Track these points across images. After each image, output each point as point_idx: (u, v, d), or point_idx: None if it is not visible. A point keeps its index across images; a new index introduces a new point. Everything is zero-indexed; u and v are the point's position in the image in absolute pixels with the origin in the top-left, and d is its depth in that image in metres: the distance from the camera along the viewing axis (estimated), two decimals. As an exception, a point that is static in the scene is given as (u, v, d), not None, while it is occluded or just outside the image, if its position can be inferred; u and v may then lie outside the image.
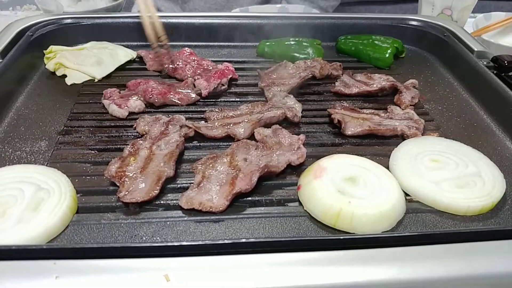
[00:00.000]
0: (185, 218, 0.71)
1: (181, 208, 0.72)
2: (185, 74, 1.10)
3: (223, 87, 1.06)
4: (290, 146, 0.84)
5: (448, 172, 0.78)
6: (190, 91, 1.04)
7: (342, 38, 1.29)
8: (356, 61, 1.26)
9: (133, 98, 0.99)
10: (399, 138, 0.91)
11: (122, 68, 1.15)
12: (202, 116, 0.96)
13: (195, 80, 1.06)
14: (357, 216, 0.68)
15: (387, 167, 0.81)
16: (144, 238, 0.67)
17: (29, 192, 0.69)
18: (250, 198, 0.75)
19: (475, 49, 1.17)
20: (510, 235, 0.61)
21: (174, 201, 0.73)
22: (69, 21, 1.24)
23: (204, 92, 1.03)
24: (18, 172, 0.73)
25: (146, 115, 0.93)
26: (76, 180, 0.76)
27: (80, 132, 0.91)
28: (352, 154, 0.82)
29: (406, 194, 0.76)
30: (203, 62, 1.15)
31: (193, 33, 1.28)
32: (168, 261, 0.55)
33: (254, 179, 0.74)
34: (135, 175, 0.76)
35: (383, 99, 1.08)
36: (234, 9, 1.63)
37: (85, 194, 0.75)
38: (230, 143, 0.86)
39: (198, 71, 1.12)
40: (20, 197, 0.68)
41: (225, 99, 1.05)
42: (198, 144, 0.89)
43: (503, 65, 1.06)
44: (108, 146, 0.87)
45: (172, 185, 0.77)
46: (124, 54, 1.18)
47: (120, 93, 1.02)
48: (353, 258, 0.57)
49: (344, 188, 0.73)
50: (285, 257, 0.56)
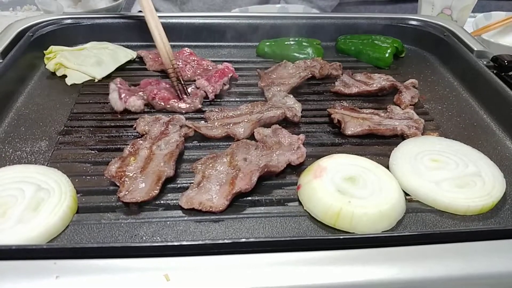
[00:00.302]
0: (185, 218, 0.71)
1: (181, 208, 0.72)
2: (185, 74, 1.11)
3: (226, 87, 1.07)
4: (290, 146, 0.84)
5: (448, 171, 0.78)
6: (196, 101, 1.01)
7: (342, 38, 1.29)
8: (356, 61, 1.26)
9: (136, 95, 0.99)
10: (399, 137, 0.91)
11: (122, 68, 1.15)
12: (202, 116, 0.97)
13: (195, 80, 1.07)
14: (357, 215, 0.68)
15: (387, 167, 0.81)
16: (144, 238, 0.67)
17: (29, 192, 0.69)
18: (250, 198, 0.75)
19: (475, 49, 1.17)
20: (510, 235, 0.61)
21: (174, 201, 0.74)
22: (69, 21, 1.24)
23: (211, 96, 1.03)
24: (19, 172, 0.74)
25: (146, 115, 0.94)
26: (76, 180, 0.76)
27: (80, 132, 0.91)
28: (352, 154, 0.82)
29: (406, 194, 0.76)
30: (203, 62, 1.16)
31: (193, 33, 1.28)
32: (168, 261, 0.55)
33: (254, 178, 0.74)
34: (135, 175, 0.76)
35: (383, 98, 1.08)
36: (233, 9, 1.63)
37: (85, 194, 0.75)
38: (230, 143, 0.86)
39: (198, 71, 1.12)
40: (21, 197, 0.68)
41: (225, 99, 1.05)
42: (198, 144, 0.89)
43: (503, 64, 1.06)
44: (108, 146, 0.87)
45: (172, 185, 0.77)
46: (124, 54, 1.18)
47: (130, 86, 1.02)
48: (353, 258, 0.57)
49: (344, 188, 0.73)
50: (285, 257, 0.57)
